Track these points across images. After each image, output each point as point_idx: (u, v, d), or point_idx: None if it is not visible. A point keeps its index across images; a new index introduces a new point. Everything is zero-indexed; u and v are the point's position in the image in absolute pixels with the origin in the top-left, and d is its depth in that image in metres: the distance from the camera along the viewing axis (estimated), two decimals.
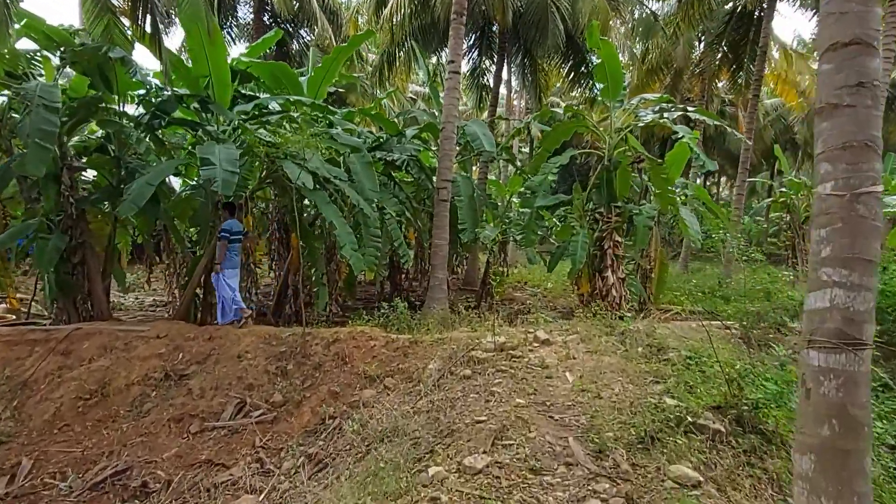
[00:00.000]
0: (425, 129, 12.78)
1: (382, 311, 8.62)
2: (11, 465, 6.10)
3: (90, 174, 10.25)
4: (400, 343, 7.22)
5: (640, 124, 10.71)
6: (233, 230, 8.63)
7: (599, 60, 10.07)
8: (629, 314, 10.02)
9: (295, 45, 23.13)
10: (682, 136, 10.17)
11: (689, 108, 10.58)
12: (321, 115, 9.90)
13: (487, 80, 20.47)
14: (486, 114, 18.67)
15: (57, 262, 8.58)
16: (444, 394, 5.41)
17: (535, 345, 6.20)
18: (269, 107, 9.78)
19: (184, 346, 7.71)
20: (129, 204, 7.69)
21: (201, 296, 9.55)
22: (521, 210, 18.85)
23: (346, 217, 10.58)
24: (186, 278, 9.43)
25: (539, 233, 11.10)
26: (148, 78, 9.45)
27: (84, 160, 9.41)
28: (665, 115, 10.31)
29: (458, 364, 6.10)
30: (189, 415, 6.69)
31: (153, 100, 9.51)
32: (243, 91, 10.59)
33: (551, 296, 15.98)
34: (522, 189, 12.39)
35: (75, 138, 9.75)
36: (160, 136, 9.76)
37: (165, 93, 9.27)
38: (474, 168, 18.25)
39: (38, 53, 8.99)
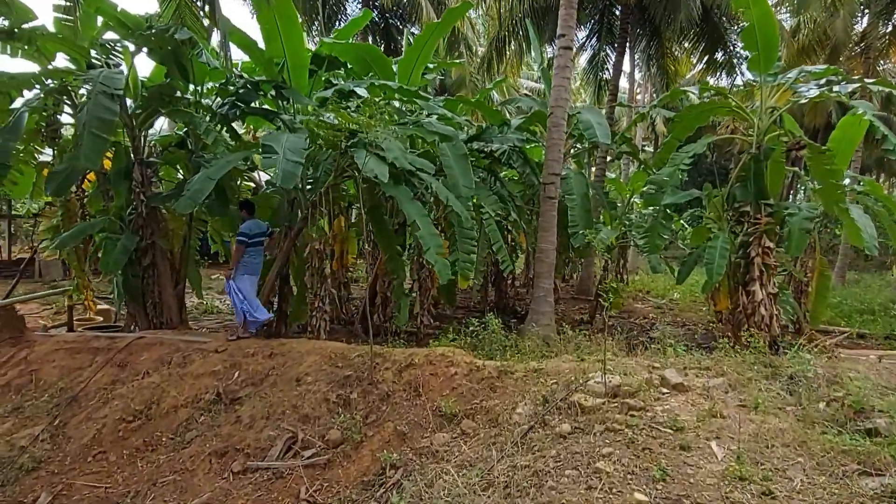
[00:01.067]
0: (533, 118, 11.22)
1: (473, 327, 7.21)
2: (33, 500, 5.32)
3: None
4: (486, 372, 5.77)
5: (802, 100, 8.50)
6: (252, 232, 7.69)
7: (747, 24, 8.07)
8: (783, 341, 7.96)
9: (404, 43, 22.30)
10: (862, 113, 7.87)
11: (869, 81, 8.25)
12: (413, 102, 8.70)
13: (606, 71, 18.51)
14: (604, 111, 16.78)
15: (126, 264, 7.98)
16: (531, 458, 3.89)
17: (664, 391, 4.50)
18: (354, 93, 8.72)
19: (242, 363, 6.74)
20: (187, 200, 6.83)
21: (275, 304, 8.64)
22: (643, 212, 16.78)
23: (439, 218, 9.36)
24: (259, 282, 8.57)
25: (665, 236, 9.23)
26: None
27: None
28: (836, 88, 8.09)
29: (555, 412, 4.55)
30: (234, 448, 5.64)
31: (232, 88, 8.73)
32: (333, 81, 9.62)
33: (678, 309, 13.84)
34: (646, 186, 10.50)
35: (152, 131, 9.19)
36: (235, 128, 8.97)
37: (240, 80, 8.45)
38: (593, 169, 16.47)
39: (119, 44, 8.47)
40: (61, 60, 8.34)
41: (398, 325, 8.32)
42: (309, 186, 8.06)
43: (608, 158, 16.51)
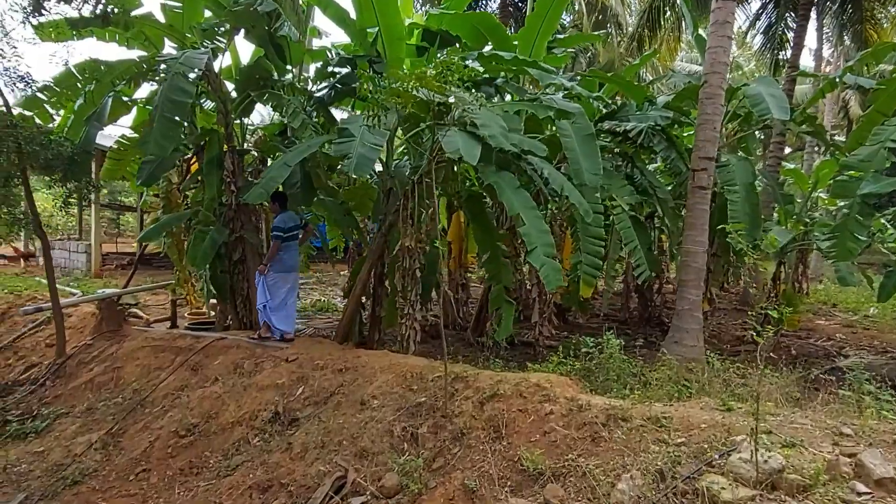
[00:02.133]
0: (684, 94, 9.27)
1: (587, 348, 5.71)
2: None
3: None
4: (591, 414, 4.28)
5: None
6: (286, 225, 6.87)
7: None
8: None
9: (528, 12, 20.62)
10: None
11: None
12: (537, 78, 7.34)
13: (784, 49, 15.54)
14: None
15: (214, 259, 7.48)
16: None
17: (861, 490, 2.74)
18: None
19: (309, 377, 5.83)
20: (258, 190, 6.09)
21: (369, 307, 7.71)
22: (828, 208, 13.80)
23: (555, 212, 7.91)
24: (350, 283, 7.68)
25: (861, 238, 6.98)
26: (324, 45, 7.97)
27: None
28: None
29: (673, 498, 3.01)
30: (279, 482, 4.70)
31: (331, 69, 7.97)
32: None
33: (876, 328, 11.00)
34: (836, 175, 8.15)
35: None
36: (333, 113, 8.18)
37: (335, 59, 7.63)
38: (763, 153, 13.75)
39: (220, 26, 8.03)
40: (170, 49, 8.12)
41: (499, 337, 6.98)
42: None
43: (786, 148, 13.78)
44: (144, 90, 10.72)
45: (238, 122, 7.97)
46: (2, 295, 9.72)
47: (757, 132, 11.02)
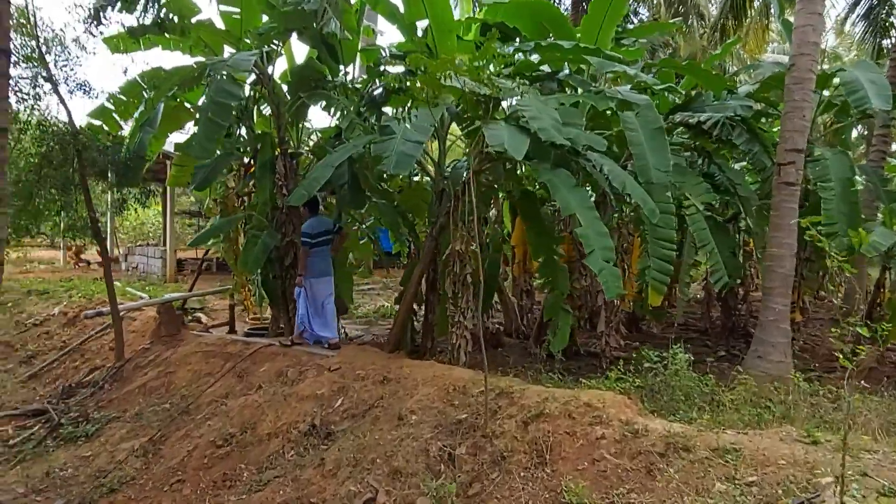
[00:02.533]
0: (769, 82, 8.38)
1: (650, 363, 5.12)
2: None
3: None
4: (648, 442, 3.74)
5: None
6: (314, 231, 6.64)
7: None
8: None
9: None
10: None
11: None
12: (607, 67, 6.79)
13: (890, 36, 14.00)
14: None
15: (266, 263, 7.38)
16: None
17: None
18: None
19: (349, 387, 5.55)
20: (300, 191, 5.90)
21: (422, 314, 7.37)
22: None
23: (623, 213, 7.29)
24: (401, 289, 7.36)
25: None
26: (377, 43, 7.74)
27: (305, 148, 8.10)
28: None
29: None
30: (308, 502, 4.42)
31: (383, 68, 7.71)
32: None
33: None
34: None
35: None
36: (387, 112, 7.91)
37: (385, 56, 7.37)
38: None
39: (275, 30, 7.96)
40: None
41: (553, 350, 6.43)
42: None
43: (891, 142, 12.37)
44: None
45: (292, 124, 7.84)
46: (75, 299, 10.10)
47: (856, 124, 9.88)
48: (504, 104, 6.61)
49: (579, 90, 7.17)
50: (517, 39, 7.76)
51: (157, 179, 13.91)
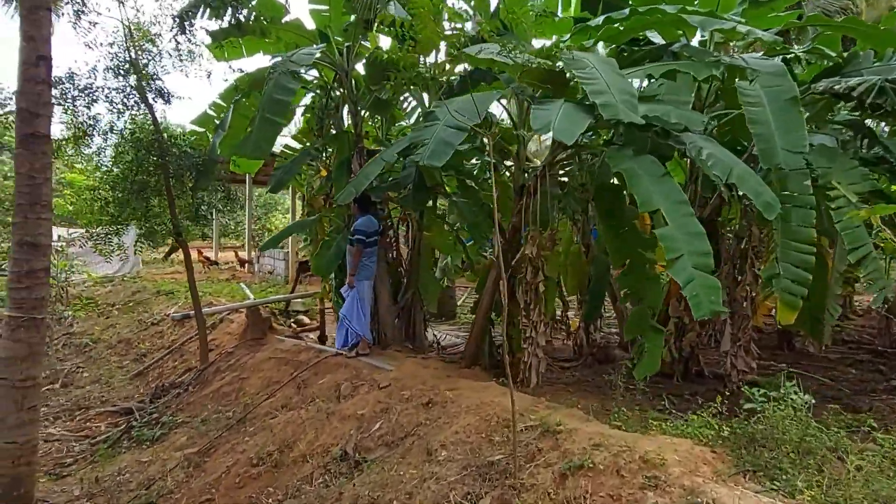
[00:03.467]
0: None
1: (756, 402, 3.90)
2: None
3: None
4: None
5: None
6: (369, 230, 6.29)
7: None
8: None
9: None
10: None
11: None
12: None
13: None
14: None
15: (341, 268, 7.02)
16: None
17: None
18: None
19: (393, 409, 4.92)
20: (350, 189, 5.40)
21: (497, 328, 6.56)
22: None
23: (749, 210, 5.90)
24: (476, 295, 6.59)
25: None
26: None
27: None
28: None
29: None
30: None
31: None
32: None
33: None
34: None
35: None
36: None
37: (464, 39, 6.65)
38: None
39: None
40: None
41: (637, 377, 5.27)
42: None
43: None
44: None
45: (371, 120, 7.42)
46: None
47: None
48: None
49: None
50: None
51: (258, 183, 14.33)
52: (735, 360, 6.36)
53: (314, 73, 7.72)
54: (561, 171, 5.49)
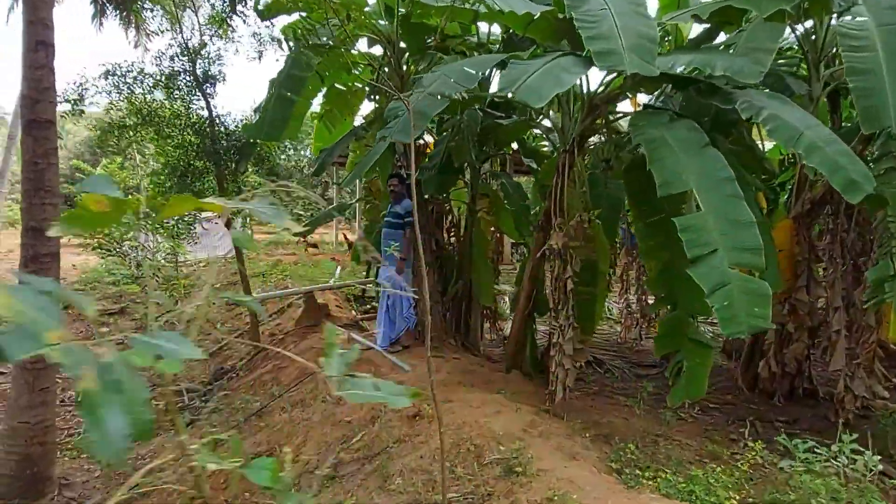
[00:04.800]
0: None
1: (800, 453, 2.82)
2: None
3: None
4: None
5: None
6: (409, 211, 5.21)
7: None
8: None
9: None
10: None
11: None
12: None
13: None
14: None
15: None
16: None
17: None
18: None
19: (381, 418, 4.35)
20: (354, 172, 4.84)
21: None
22: None
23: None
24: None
25: None
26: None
27: None
28: None
29: None
30: None
31: None
32: None
33: None
34: None
35: None
36: None
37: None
38: None
39: None
40: None
41: (672, 402, 4.17)
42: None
43: None
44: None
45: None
46: (276, 281, 10.70)
47: None
48: None
49: None
50: None
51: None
52: (850, 381, 5.08)
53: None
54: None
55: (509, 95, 3.22)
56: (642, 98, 5.39)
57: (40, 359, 3.62)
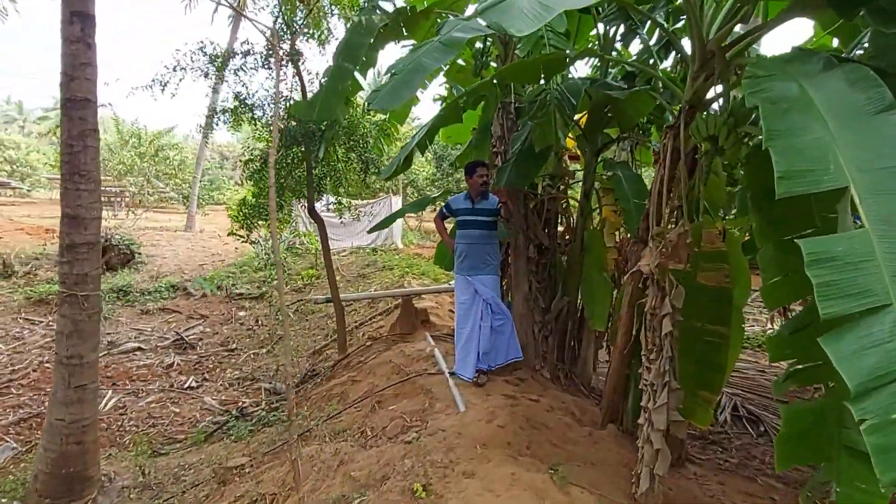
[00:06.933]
0: None
1: None
2: None
3: None
4: None
5: None
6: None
7: None
8: None
9: None
10: None
11: None
12: None
13: None
14: None
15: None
16: None
17: None
18: None
19: (391, 478, 3.31)
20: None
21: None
22: None
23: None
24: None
25: None
26: None
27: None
28: None
29: None
30: None
31: None
32: None
33: None
34: None
35: None
36: None
37: None
38: None
39: None
40: None
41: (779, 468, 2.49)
42: None
43: None
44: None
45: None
46: (389, 279, 10.05)
47: None
48: None
49: None
50: None
51: None
52: None
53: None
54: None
55: (482, 22, 1.97)
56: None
57: (76, 353, 2.90)
